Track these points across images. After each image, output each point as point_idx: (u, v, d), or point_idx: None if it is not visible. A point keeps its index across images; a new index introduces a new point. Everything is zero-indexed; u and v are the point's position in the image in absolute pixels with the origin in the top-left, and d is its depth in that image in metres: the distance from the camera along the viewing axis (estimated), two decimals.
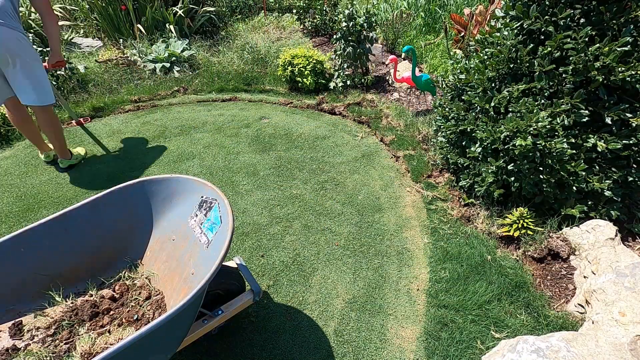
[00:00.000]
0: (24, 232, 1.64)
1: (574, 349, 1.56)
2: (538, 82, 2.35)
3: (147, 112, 4.34)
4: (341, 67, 4.47)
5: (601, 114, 2.23)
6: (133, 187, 1.88)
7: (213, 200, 1.75)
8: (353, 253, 2.52)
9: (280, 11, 6.85)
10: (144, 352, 1.34)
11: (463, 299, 2.16)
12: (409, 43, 5.18)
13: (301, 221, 2.77)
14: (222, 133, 3.87)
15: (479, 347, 1.94)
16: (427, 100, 4.12)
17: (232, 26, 6.29)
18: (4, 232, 2.71)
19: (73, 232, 1.76)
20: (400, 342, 2.01)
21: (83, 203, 1.78)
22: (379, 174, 3.26)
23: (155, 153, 3.58)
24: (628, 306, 1.67)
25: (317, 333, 2.05)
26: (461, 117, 2.76)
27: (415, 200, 2.95)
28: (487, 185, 2.53)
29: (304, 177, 3.22)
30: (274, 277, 2.36)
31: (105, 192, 1.83)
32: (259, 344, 2.00)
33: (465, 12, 4.51)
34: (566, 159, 2.26)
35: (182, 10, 5.65)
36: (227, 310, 1.82)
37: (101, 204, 1.82)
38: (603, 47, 2.11)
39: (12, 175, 3.32)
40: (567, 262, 2.26)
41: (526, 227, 2.38)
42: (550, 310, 2.07)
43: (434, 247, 2.53)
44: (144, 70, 4.97)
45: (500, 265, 2.33)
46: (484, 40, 2.72)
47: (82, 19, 6.33)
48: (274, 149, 3.60)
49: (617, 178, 2.26)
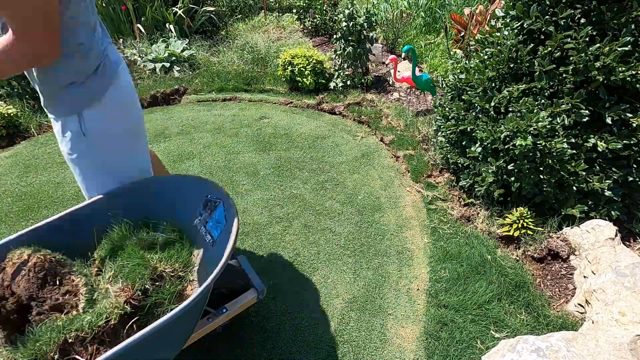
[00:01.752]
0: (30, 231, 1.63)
1: (574, 349, 1.56)
2: (538, 82, 2.35)
3: (147, 112, 4.34)
4: (341, 67, 4.47)
5: (601, 114, 2.23)
6: (138, 186, 1.88)
7: (217, 199, 1.75)
8: (353, 253, 2.52)
9: (280, 11, 6.85)
10: (152, 349, 1.34)
11: (463, 299, 2.16)
12: (409, 43, 5.18)
13: (301, 221, 2.77)
14: (222, 133, 3.87)
15: (479, 346, 1.94)
16: (427, 100, 4.12)
17: (232, 26, 6.29)
18: (4, 232, 2.71)
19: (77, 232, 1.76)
20: (400, 341, 2.01)
21: (86, 203, 1.78)
22: (379, 173, 3.26)
23: (155, 152, 3.57)
24: (628, 306, 1.67)
25: (317, 333, 2.05)
26: (461, 117, 2.76)
27: (415, 200, 2.95)
28: (487, 185, 2.53)
29: (304, 177, 3.22)
30: (274, 277, 2.36)
31: (107, 192, 1.83)
32: (258, 344, 2.00)
33: (465, 12, 4.51)
34: (566, 159, 2.26)
35: (182, 10, 5.65)
36: (231, 308, 1.82)
37: (106, 204, 1.82)
38: (603, 47, 2.11)
39: (12, 175, 3.32)
40: (567, 262, 2.26)
41: (526, 227, 2.38)
42: (550, 310, 2.07)
43: (434, 247, 2.53)
44: (144, 70, 4.97)
45: (500, 265, 2.34)
46: (484, 40, 2.72)
47: None
48: (274, 148, 3.60)
49: (617, 178, 2.26)
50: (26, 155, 3.60)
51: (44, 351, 1.23)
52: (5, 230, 2.73)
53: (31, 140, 3.87)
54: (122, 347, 1.18)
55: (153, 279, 1.51)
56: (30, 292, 1.36)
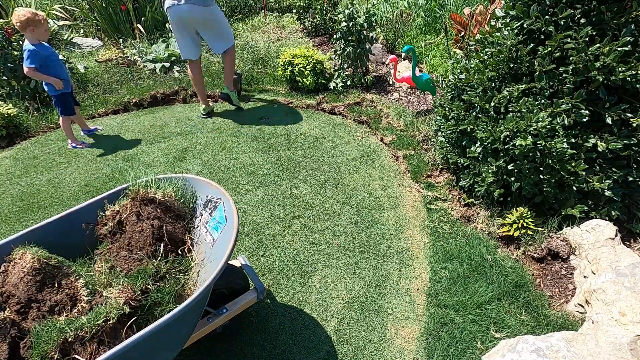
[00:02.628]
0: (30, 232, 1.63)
1: (574, 349, 1.56)
2: (538, 82, 2.35)
3: (147, 112, 4.34)
4: (341, 67, 4.47)
5: (601, 114, 2.23)
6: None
7: (218, 200, 1.75)
8: (353, 253, 2.52)
9: (280, 11, 6.85)
10: (152, 348, 1.35)
11: (463, 299, 2.16)
12: (409, 43, 5.18)
13: (301, 221, 2.77)
14: (222, 133, 3.87)
15: (479, 347, 1.94)
16: (427, 100, 4.12)
17: (232, 26, 6.29)
18: (4, 232, 2.71)
19: (79, 231, 1.76)
20: (400, 341, 2.01)
21: (88, 202, 1.78)
22: (379, 173, 3.26)
23: (155, 153, 3.58)
24: (628, 306, 1.67)
25: (317, 333, 2.05)
26: (461, 117, 2.76)
27: (415, 200, 2.95)
28: (487, 185, 2.53)
29: (304, 177, 3.22)
30: (274, 277, 2.36)
31: (110, 192, 1.83)
32: (259, 344, 2.00)
33: (465, 12, 4.51)
34: (566, 159, 2.26)
35: None
36: (231, 308, 1.82)
37: (107, 203, 1.82)
38: (603, 47, 2.11)
39: (12, 175, 3.32)
40: (567, 262, 2.26)
41: (526, 227, 2.38)
42: (550, 310, 2.07)
43: (434, 247, 2.53)
44: (144, 70, 4.97)
45: (500, 265, 2.33)
46: (484, 40, 2.72)
47: (82, 19, 6.33)
48: (274, 148, 3.60)
49: (617, 178, 2.26)
50: (26, 155, 3.60)
51: (45, 350, 1.23)
52: (5, 230, 2.73)
53: (31, 140, 3.87)
54: (122, 347, 1.18)
55: (154, 280, 1.51)
56: (29, 294, 1.37)
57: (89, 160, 3.50)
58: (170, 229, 1.69)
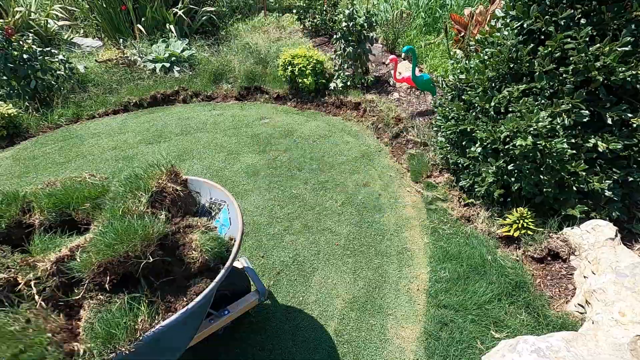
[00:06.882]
0: None
1: (574, 349, 1.56)
2: (538, 82, 2.34)
3: (147, 112, 4.34)
4: (341, 67, 4.47)
5: (601, 114, 2.23)
6: None
7: (222, 202, 1.75)
8: (353, 253, 2.52)
9: (280, 11, 6.85)
10: (157, 349, 1.35)
11: (463, 299, 2.16)
12: (409, 43, 5.18)
13: (301, 221, 2.77)
14: (222, 133, 3.87)
15: (479, 347, 1.94)
16: (427, 100, 4.12)
17: (232, 26, 6.29)
18: None
19: None
20: (400, 342, 2.01)
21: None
22: (379, 174, 3.26)
23: (155, 153, 3.58)
24: (628, 306, 1.67)
25: (317, 333, 2.05)
26: (461, 117, 2.76)
27: (415, 200, 2.95)
28: (487, 185, 2.53)
29: (304, 177, 3.21)
30: (274, 277, 2.36)
31: None
32: (259, 344, 2.00)
33: (466, 12, 4.50)
34: (566, 159, 2.25)
35: (182, 10, 5.65)
36: (233, 310, 1.82)
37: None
38: (603, 47, 2.11)
39: (12, 175, 3.32)
40: (567, 262, 2.26)
41: (526, 227, 2.37)
42: (550, 310, 2.07)
43: (434, 247, 2.53)
44: (144, 70, 4.97)
45: (500, 265, 2.33)
46: (484, 40, 2.72)
47: (82, 19, 6.33)
48: (274, 149, 3.60)
49: (617, 178, 2.25)
50: (26, 155, 3.60)
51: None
52: None
53: (31, 140, 3.87)
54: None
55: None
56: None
57: (89, 161, 3.50)
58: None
